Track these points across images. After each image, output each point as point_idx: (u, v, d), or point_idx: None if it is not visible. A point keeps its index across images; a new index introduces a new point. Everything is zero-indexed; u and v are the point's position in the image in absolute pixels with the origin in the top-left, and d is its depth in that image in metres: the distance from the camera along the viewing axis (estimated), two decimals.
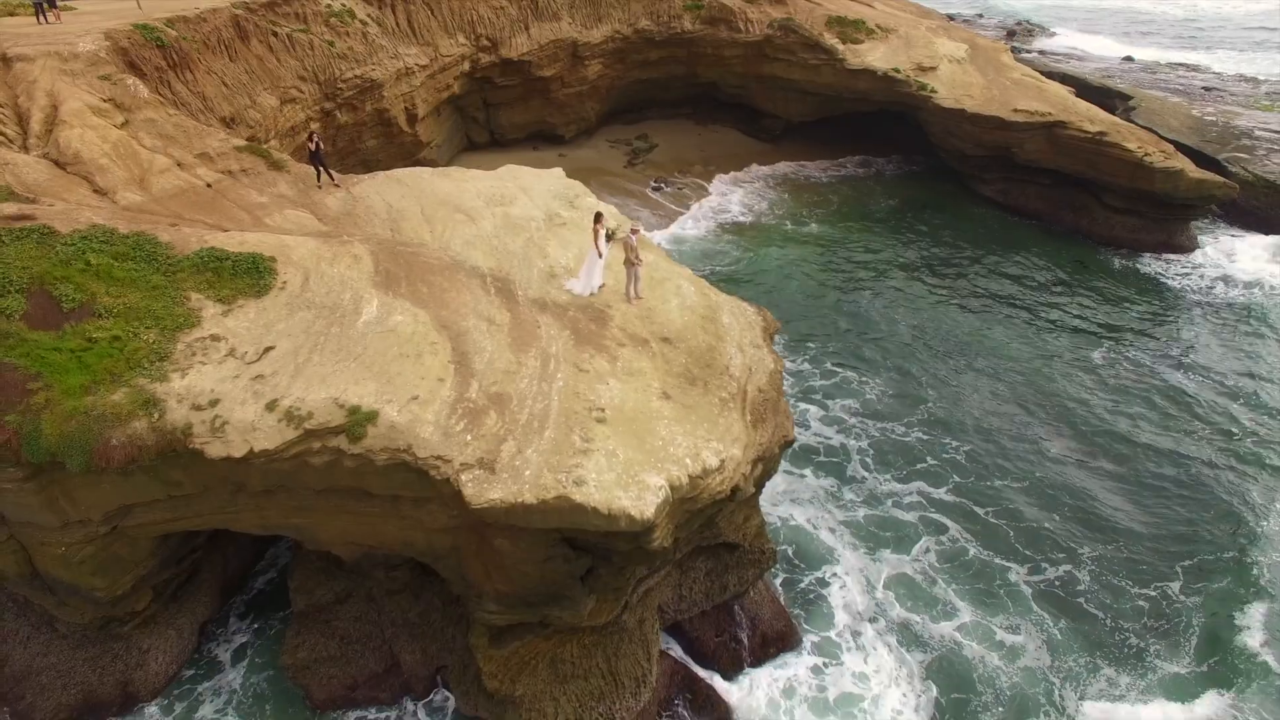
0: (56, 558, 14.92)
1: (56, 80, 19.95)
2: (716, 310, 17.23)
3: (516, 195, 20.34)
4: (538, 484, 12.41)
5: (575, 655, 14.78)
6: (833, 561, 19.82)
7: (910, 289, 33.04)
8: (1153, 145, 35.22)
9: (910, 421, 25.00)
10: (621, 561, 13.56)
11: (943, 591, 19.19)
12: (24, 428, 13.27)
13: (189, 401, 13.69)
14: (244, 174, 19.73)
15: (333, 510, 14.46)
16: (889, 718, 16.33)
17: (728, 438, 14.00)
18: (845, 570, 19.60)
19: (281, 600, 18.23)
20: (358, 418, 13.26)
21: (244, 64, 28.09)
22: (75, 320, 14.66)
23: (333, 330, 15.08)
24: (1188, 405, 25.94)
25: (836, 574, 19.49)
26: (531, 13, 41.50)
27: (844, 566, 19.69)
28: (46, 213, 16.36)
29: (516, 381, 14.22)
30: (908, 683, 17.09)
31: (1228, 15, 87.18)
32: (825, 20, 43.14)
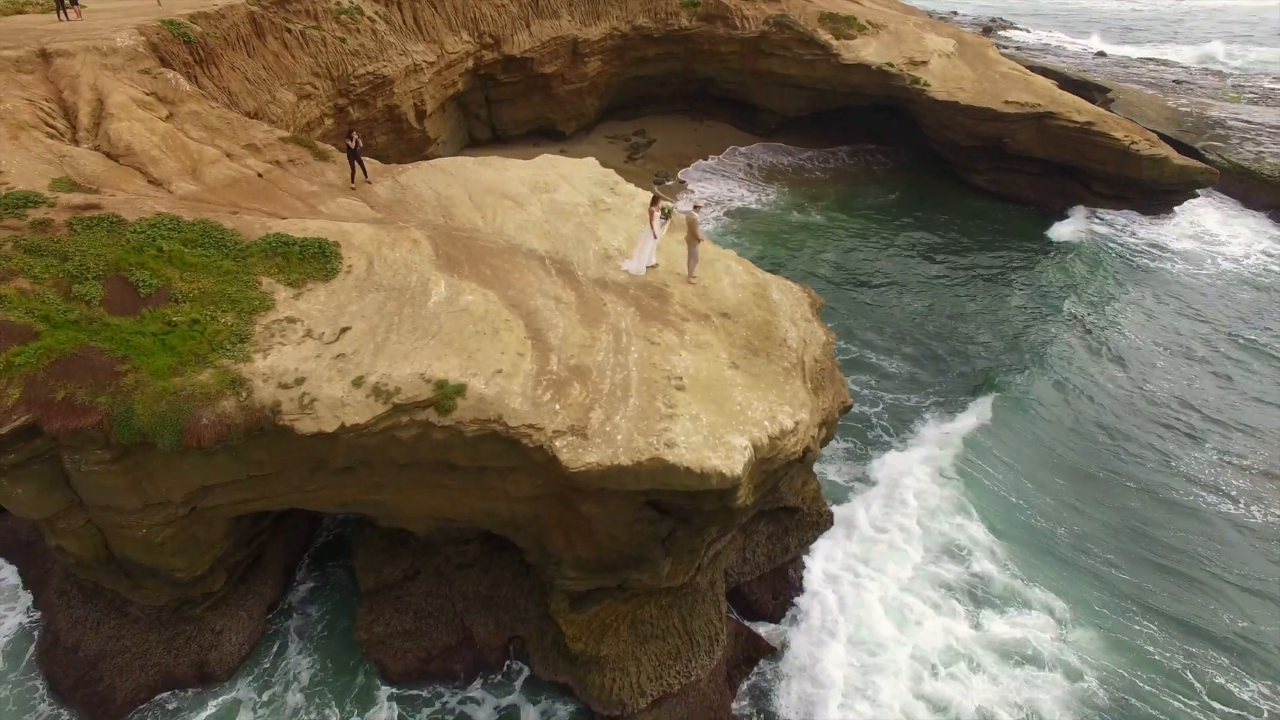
0: (137, 540, 15.14)
1: (99, 75, 20.06)
2: (766, 287, 17.94)
3: (558, 183, 20.88)
4: (630, 447, 13.00)
5: (654, 616, 15.38)
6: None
7: (916, 271, 34.19)
8: (1138, 134, 36.78)
9: (925, 392, 26.15)
10: (703, 522, 14.18)
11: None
12: (115, 409, 13.54)
13: (275, 380, 14.04)
14: (291, 164, 20.01)
15: (414, 485, 14.89)
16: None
17: (795, 403, 14.71)
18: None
19: (339, 580, 18.60)
20: (446, 391, 13.72)
21: (261, 60, 28.24)
22: (153, 305, 14.94)
23: (405, 311, 15.51)
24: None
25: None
26: (532, 10, 41.97)
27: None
28: (110, 202, 16.57)
29: (593, 354, 14.78)
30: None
31: (1187, 9, 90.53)
32: (818, 16, 44.17)
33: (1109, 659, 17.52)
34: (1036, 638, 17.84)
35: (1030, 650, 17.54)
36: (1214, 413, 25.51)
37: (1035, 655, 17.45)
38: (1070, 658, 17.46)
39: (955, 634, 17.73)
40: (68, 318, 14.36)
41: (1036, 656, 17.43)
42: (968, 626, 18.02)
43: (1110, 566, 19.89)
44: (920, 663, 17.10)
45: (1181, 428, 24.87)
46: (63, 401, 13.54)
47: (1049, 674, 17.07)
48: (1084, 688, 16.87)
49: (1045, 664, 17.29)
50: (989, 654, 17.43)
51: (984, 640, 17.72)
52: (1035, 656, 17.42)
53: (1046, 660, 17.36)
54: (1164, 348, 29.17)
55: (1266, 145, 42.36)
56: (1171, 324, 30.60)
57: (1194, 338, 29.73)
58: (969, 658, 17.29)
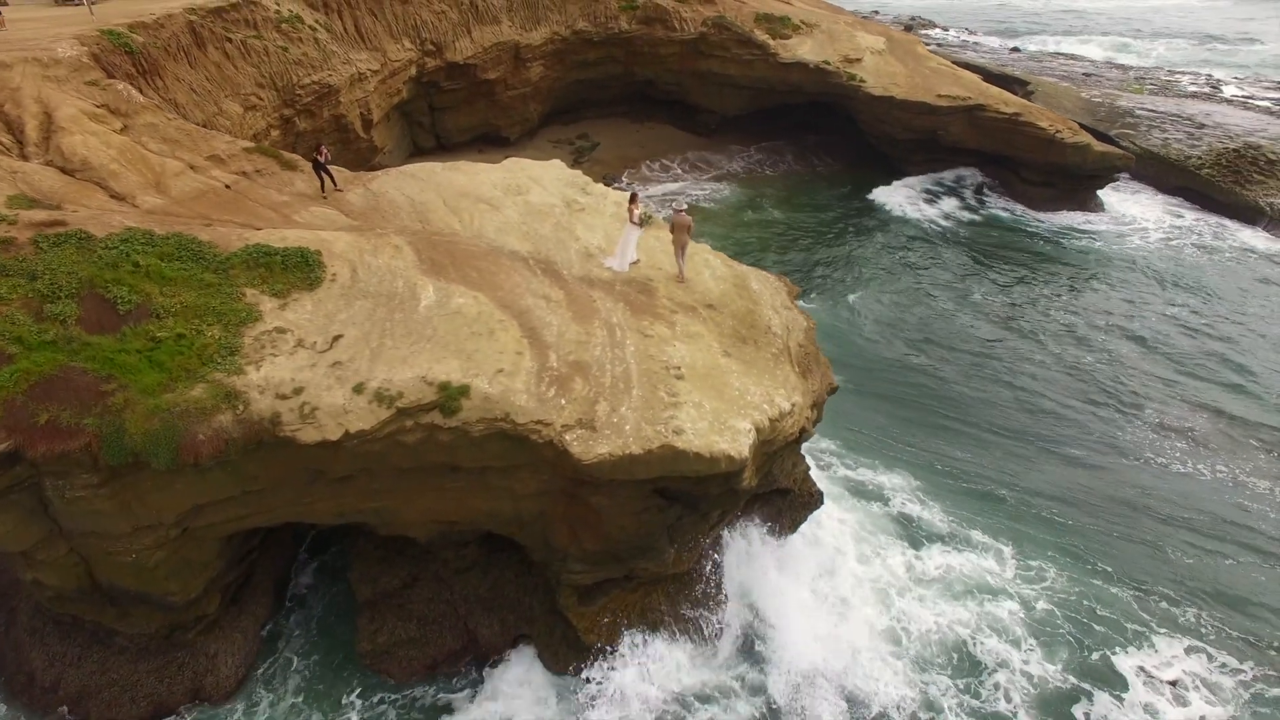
0: (125, 565, 14.64)
1: (43, 87, 19.21)
2: (745, 278, 18.47)
3: (530, 185, 20.99)
4: (640, 436, 13.29)
5: (661, 603, 15.68)
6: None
7: (863, 259, 35.48)
8: (1061, 123, 38.97)
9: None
10: (708, 506, 14.58)
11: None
12: (104, 430, 13.10)
13: (272, 391, 13.81)
14: (259, 174, 19.55)
15: (416, 489, 14.84)
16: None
17: (788, 386, 15.26)
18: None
19: (333, 592, 18.29)
20: (450, 393, 13.75)
21: (204, 71, 27.42)
22: (133, 321, 14.48)
23: (396, 316, 15.43)
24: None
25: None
26: (472, 16, 41.77)
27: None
28: (75, 218, 15.96)
29: (590, 350, 15.01)
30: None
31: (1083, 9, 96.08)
32: (754, 17, 45.23)
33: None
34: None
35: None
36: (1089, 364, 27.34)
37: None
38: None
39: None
40: (43, 339, 13.79)
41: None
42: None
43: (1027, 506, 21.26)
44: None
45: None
46: (46, 425, 13.03)
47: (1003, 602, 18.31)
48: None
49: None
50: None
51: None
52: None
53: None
54: (1064, 322, 31.15)
55: (1170, 132, 45.33)
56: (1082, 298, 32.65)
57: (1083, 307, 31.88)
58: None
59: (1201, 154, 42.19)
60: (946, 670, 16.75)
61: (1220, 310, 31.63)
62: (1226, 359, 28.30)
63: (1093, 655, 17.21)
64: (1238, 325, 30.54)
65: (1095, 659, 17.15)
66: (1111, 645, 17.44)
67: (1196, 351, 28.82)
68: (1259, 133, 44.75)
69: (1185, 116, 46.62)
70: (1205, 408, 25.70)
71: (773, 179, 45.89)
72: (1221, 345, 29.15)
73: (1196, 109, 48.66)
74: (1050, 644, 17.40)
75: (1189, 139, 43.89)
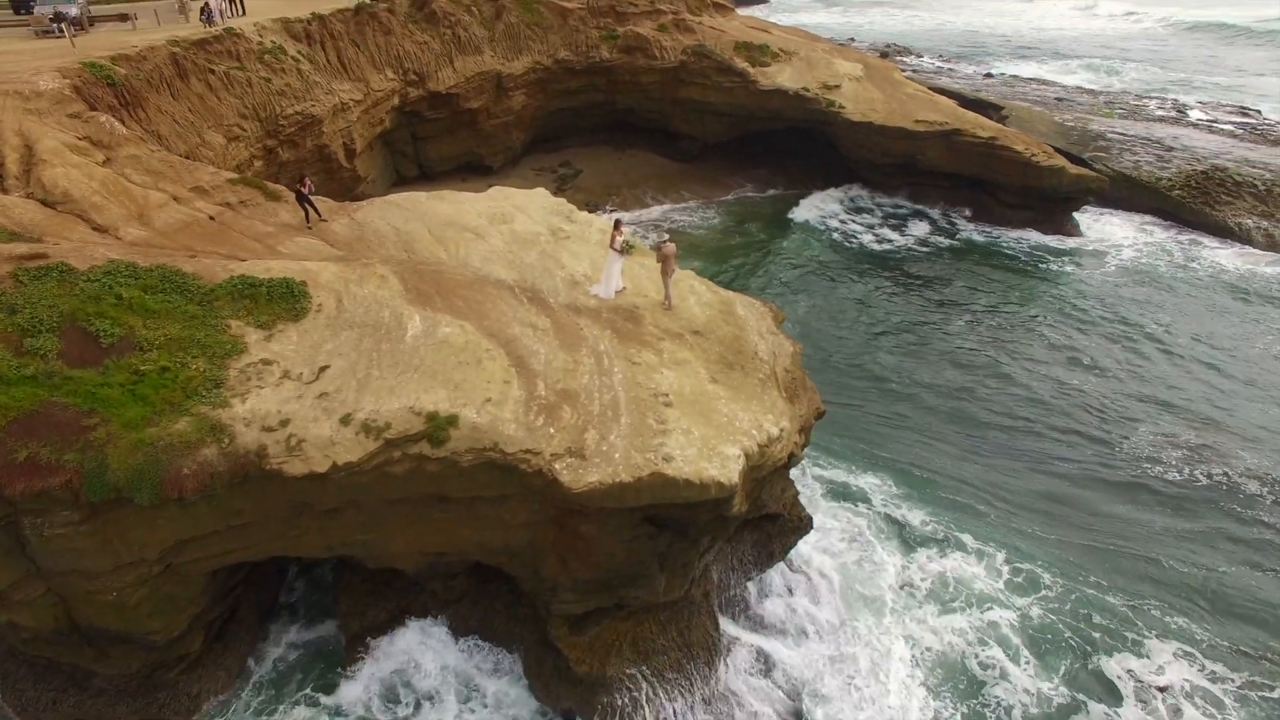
0: (106, 604, 14.34)
1: (23, 119, 19.13)
2: (730, 304, 18.60)
3: (515, 213, 21.09)
4: (630, 464, 13.28)
5: (654, 632, 15.55)
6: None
7: (846, 281, 35.87)
8: (1036, 147, 39.76)
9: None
10: (698, 533, 14.54)
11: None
12: (85, 465, 12.92)
13: (257, 424, 13.70)
14: (243, 205, 19.51)
15: (404, 521, 14.71)
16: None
17: (776, 411, 15.32)
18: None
19: (319, 627, 17.98)
20: (438, 423, 13.69)
21: (187, 102, 27.43)
22: (116, 355, 14.34)
23: (383, 346, 15.38)
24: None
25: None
26: (454, 46, 42.15)
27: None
28: (57, 250, 15.84)
29: (578, 378, 15.02)
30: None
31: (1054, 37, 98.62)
32: (733, 45, 45.98)
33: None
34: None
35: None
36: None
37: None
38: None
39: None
40: (23, 373, 13.63)
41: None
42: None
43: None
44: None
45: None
46: (25, 462, 12.82)
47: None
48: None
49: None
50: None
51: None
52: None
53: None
54: (1039, 333, 31.69)
55: (1141, 154, 46.35)
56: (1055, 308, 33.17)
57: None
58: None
59: (1171, 176, 43.15)
60: (947, 685, 16.95)
61: (1194, 327, 32.13)
62: (1207, 372, 28.77)
63: (1087, 664, 17.50)
64: (1212, 342, 31.05)
65: (1089, 668, 17.43)
66: (1104, 653, 17.74)
67: (1177, 365, 29.29)
68: (1224, 155, 45.88)
69: (1154, 140, 47.72)
70: (1185, 418, 26.09)
71: (755, 203, 46.34)
72: (1200, 360, 29.63)
73: (1165, 132, 49.82)
74: (1046, 654, 17.68)
75: (1159, 161, 44.90)
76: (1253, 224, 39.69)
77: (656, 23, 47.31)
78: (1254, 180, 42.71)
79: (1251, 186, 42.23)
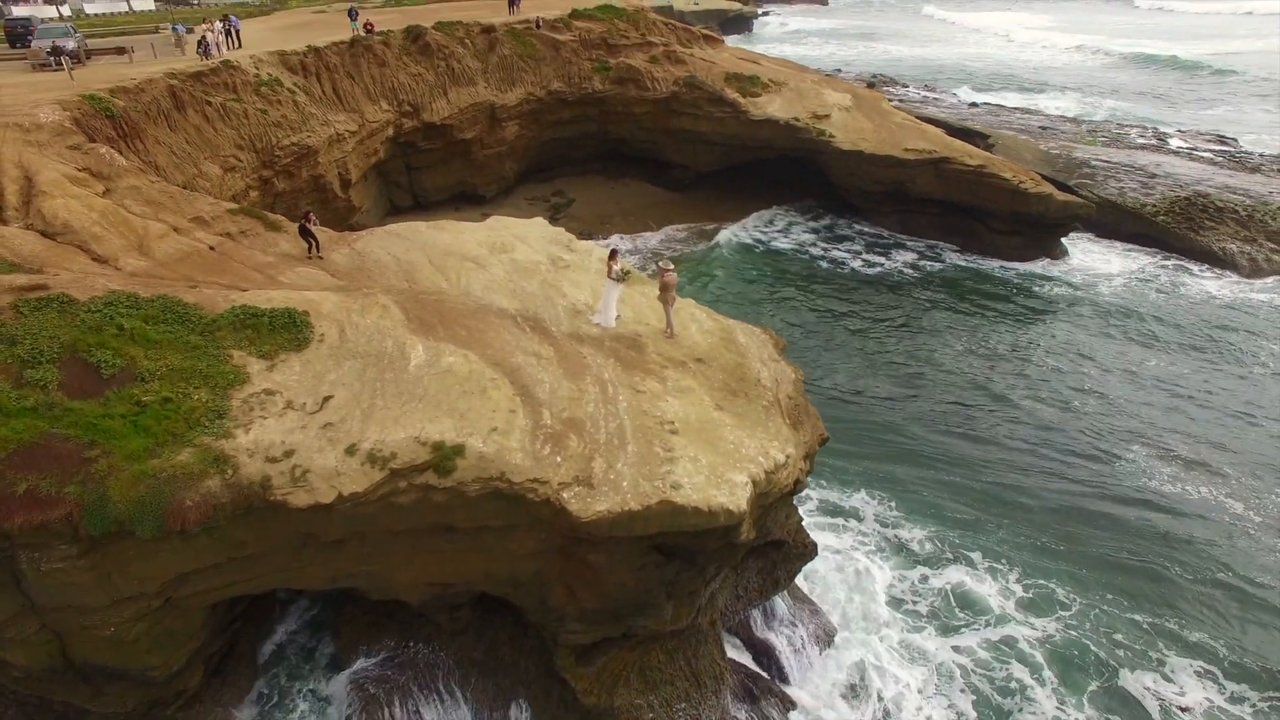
0: (103, 640, 14.07)
1: (23, 151, 19.14)
2: (731, 331, 18.68)
3: (514, 243, 21.19)
4: (638, 492, 13.23)
5: (661, 661, 15.39)
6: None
7: (837, 306, 36.13)
8: (1024, 174, 40.43)
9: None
10: (705, 561, 14.46)
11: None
12: (86, 498, 12.74)
13: (261, 455, 13.57)
14: (243, 235, 19.50)
15: (409, 552, 14.56)
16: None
17: (781, 438, 15.32)
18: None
19: (317, 659, 17.67)
20: (444, 452, 13.61)
21: (184, 134, 27.54)
22: (117, 386, 14.21)
23: (387, 376, 15.33)
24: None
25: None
26: (449, 78, 42.60)
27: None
28: (57, 281, 15.76)
29: (583, 406, 15.00)
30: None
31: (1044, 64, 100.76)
32: (724, 76, 46.72)
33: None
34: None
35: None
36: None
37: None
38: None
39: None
40: (22, 405, 13.47)
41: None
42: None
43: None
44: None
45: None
46: (25, 495, 12.63)
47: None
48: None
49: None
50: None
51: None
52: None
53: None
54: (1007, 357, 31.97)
55: (1125, 181, 47.20)
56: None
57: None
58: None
59: (1155, 202, 43.92)
60: (963, 707, 17.08)
61: (1184, 352, 32.55)
62: (1199, 395, 29.12)
63: (1111, 683, 17.82)
64: (1203, 364, 31.43)
65: (1113, 686, 17.76)
66: (1127, 669, 18.13)
67: (1168, 389, 29.64)
68: (1205, 182, 46.80)
69: (1138, 167, 48.64)
70: (1182, 438, 26.48)
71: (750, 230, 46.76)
72: (1191, 382, 29.98)
73: (1147, 160, 50.82)
74: (1067, 673, 18.00)
75: (1143, 188, 45.72)
76: (1236, 249, 40.38)
77: (648, 54, 48.05)
78: (1235, 206, 43.54)
79: (1233, 212, 43.04)
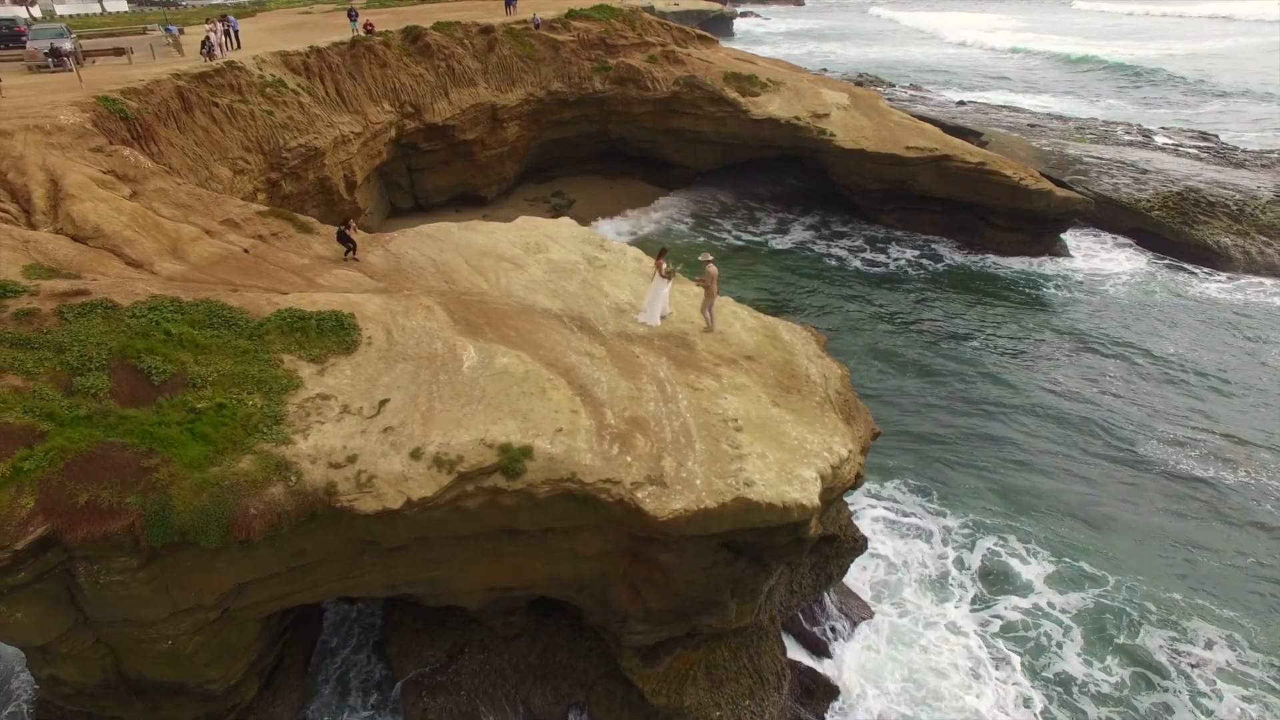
0: (160, 654, 13.72)
1: (47, 154, 18.61)
2: (775, 329, 18.68)
3: (547, 242, 21.02)
4: (712, 490, 13.14)
5: (726, 660, 15.31)
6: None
7: (849, 302, 36.34)
8: (1024, 171, 40.93)
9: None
10: (771, 557, 14.40)
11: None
12: (148, 508, 12.39)
13: (323, 460, 13.30)
14: (275, 238, 19.11)
15: (472, 556, 14.34)
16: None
17: (838, 433, 15.33)
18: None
19: (364, 668, 17.39)
20: (512, 454, 13.42)
21: (192, 135, 26.98)
22: (169, 392, 13.86)
23: (441, 378, 15.10)
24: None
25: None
26: (449, 79, 42.22)
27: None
28: (97, 286, 15.33)
29: (644, 405, 14.88)
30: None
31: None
32: (723, 76, 46.79)
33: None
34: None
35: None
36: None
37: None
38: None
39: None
40: (76, 414, 13.10)
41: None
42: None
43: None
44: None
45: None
46: (86, 506, 12.27)
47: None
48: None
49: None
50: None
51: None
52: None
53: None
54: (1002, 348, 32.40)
55: (1118, 177, 47.96)
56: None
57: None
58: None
59: (1149, 197, 44.65)
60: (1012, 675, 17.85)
61: (1190, 343, 33.11)
62: (1214, 384, 29.65)
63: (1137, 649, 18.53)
64: (1210, 357, 31.97)
65: (1149, 660, 18.42)
66: (1164, 648, 18.79)
67: (1180, 379, 30.11)
68: (1195, 177, 47.68)
69: (1129, 163, 49.46)
70: (1201, 428, 26.92)
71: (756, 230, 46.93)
72: (1203, 373, 30.47)
73: (1136, 156, 51.69)
74: (1098, 642, 18.75)
75: (1136, 184, 46.48)
76: (1230, 242, 41.16)
77: (646, 54, 48.01)
78: (1226, 200, 44.37)
79: (1225, 206, 43.87)
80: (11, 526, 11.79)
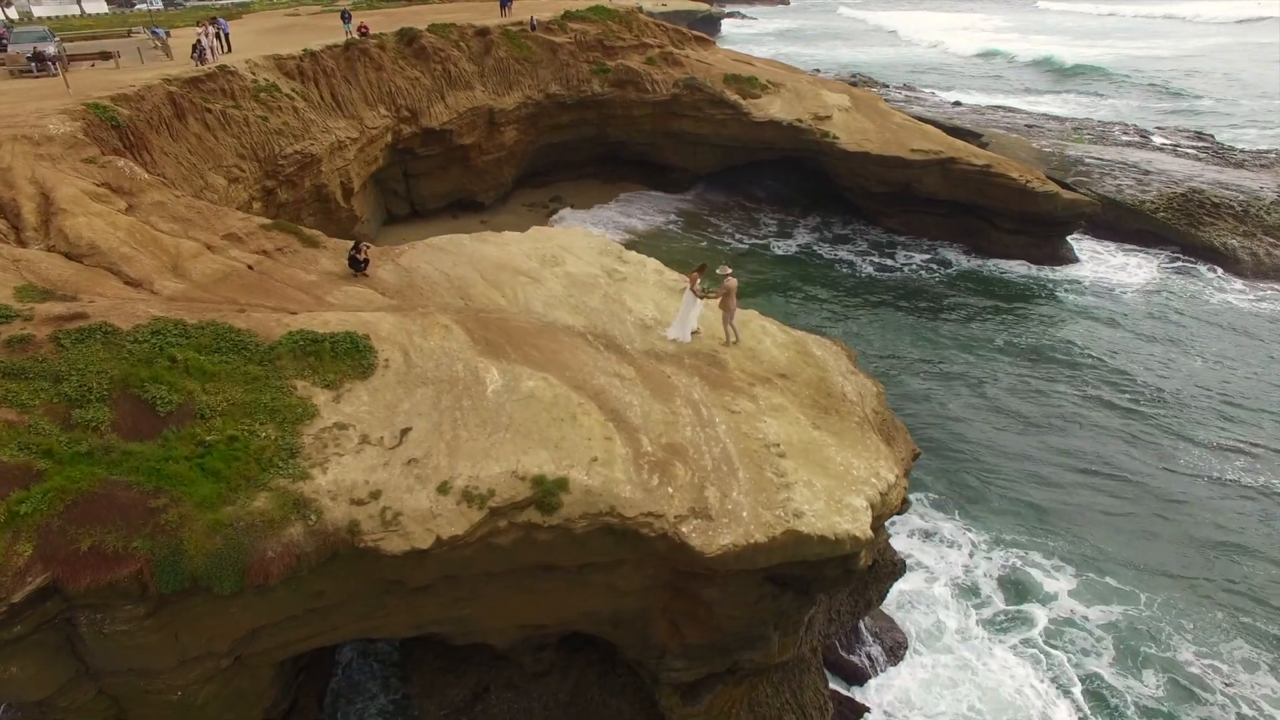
0: (169, 705, 12.83)
1: (36, 166, 17.58)
2: (805, 344, 17.93)
3: (563, 254, 20.19)
4: (760, 522, 12.38)
5: (769, 696, 14.58)
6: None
7: (853, 309, 35.72)
8: (1029, 173, 40.46)
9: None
10: (818, 589, 13.68)
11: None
12: (157, 553, 11.47)
13: (344, 497, 12.43)
14: (280, 253, 18.14)
15: (505, 593, 13.50)
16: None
17: (882, 457, 14.61)
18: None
19: (384, 711, 16.52)
20: (546, 487, 12.60)
21: (185, 143, 25.93)
22: (176, 424, 12.93)
23: (464, 404, 14.25)
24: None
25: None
26: (445, 82, 41.25)
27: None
28: (94, 309, 14.35)
29: (680, 430, 14.10)
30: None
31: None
32: (722, 78, 46.07)
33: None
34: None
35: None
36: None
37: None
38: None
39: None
40: (76, 450, 12.15)
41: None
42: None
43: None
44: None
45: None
46: (90, 552, 11.33)
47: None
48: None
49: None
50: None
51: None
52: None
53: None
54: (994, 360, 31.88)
55: (1121, 179, 47.66)
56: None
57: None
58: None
59: (1153, 199, 44.36)
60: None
61: (1215, 344, 32.75)
62: (1232, 394, 29.18)
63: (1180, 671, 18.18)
64: (1227, 363, 31.58)
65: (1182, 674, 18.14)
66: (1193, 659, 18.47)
67: (1208, 386, 29.72)
68: (1197, 178, 47.48)
69: (1130, 164, 49.18)
70: (1229, 436, 26.46)
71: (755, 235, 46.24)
72: (1222, 380, 30.05)
73: (1137, 156, 51.46)
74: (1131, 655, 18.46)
75: (1139, 185, 46.19)
76: (1237, 244, 40.89)
77: (644, 56, 47.23)
78: (1230, 201, 44.17)
79: (1229, 207, 43.65)
80: (8, 577, 10.85)
